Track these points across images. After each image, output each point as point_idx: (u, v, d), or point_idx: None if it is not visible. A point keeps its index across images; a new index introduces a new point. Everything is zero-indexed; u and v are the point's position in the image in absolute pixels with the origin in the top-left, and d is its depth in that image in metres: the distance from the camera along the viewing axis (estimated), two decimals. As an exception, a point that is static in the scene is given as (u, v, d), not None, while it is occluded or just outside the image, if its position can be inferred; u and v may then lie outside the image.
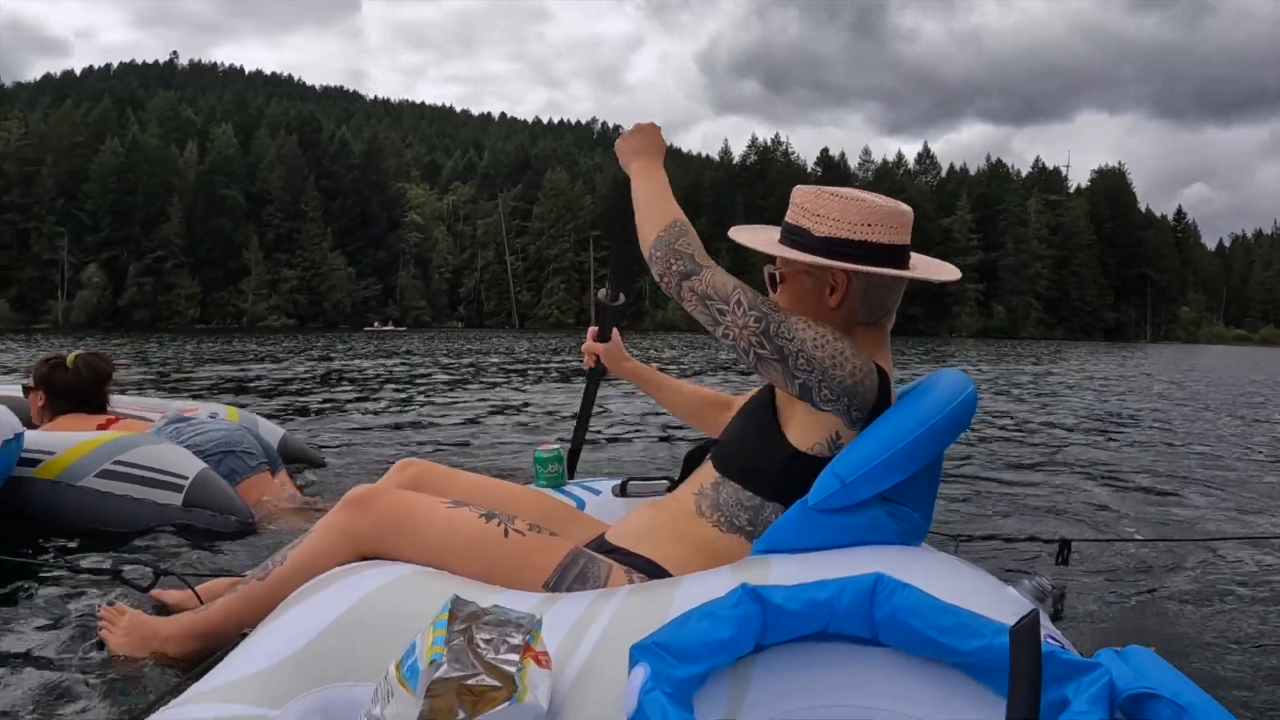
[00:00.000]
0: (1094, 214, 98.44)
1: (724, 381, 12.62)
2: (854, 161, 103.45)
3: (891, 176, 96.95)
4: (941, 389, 1.63)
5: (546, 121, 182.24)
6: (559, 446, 2.44)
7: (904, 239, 1.68)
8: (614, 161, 2.00)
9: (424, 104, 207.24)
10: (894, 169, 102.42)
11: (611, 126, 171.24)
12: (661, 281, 1.69)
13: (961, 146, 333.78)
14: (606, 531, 1.88)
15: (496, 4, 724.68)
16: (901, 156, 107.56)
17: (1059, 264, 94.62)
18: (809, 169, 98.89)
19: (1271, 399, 12.55)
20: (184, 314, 76.67)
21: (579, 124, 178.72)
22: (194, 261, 78.89)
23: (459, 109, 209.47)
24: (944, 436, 1.56)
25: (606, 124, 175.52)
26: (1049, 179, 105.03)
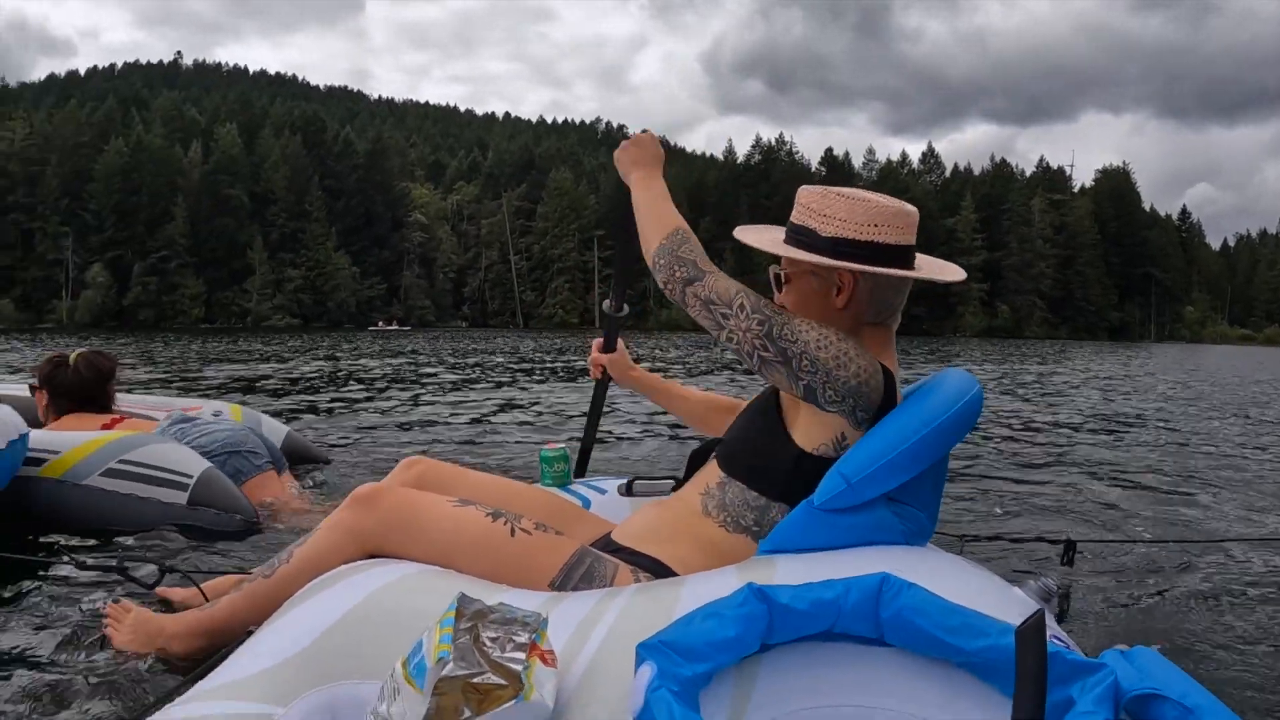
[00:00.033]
0: (1098, 214, 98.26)
1: (730, 381, 12.61)
2: (858, 161, 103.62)
3: (896, 176, 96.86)
4: (947, 389, 1.62)
5: (550, 121, 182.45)
6: (564, 445, 2.43)
7: (910, 239, 1.68)
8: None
9: (428, 104, 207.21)
10: (898, 169, 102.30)
11: (616, 126, 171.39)
12: (666, 289, 1.69)
13: (966, 146, 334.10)
14: (612, 531, 1.88)
15: (499, 4, 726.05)
16: (906, 156, 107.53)
17: (1063, 264, 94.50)
18: (813, 169, 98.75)
19: (1277, 399, 12.51)
20: (188, 314, 76.80)
21: (583, 124, 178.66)
22: (198, 261, 79.04)
23: (463, 109, 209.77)
24: (950, 436, 1.56)
25: (611, 124, 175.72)
26: (1053, 179, 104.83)
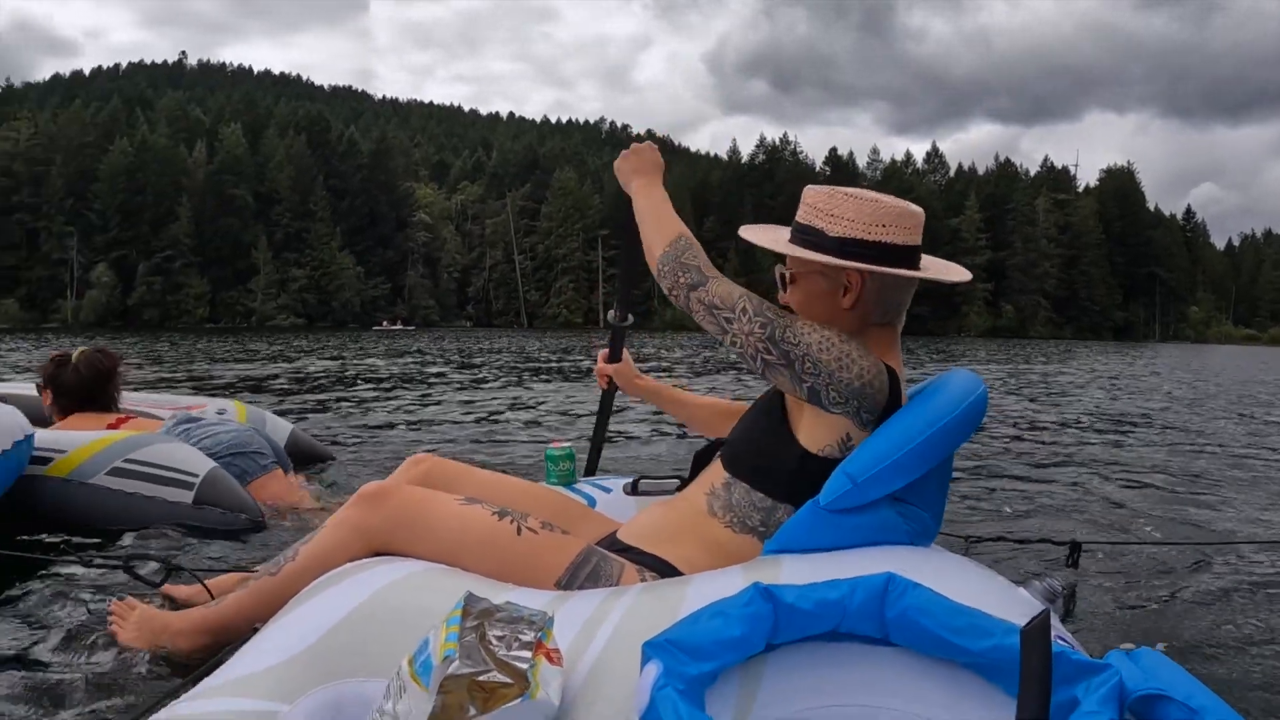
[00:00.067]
0: (1103, 213, 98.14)
1: (736, 380, 12.57)
2: (862, 161, 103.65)
3: (900, 176, 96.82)
4: (952, 389, 1.63)
5: (555, 121, 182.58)
6: (570, 445, 2.44)
7: (916, 240, 1.68)
8: None
9: (432, 104, 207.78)
10: (902, 168, 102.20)
11: (620, 126, 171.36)
12: (671, 295, 1.71)
13: (970, 146, 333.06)
14: (618, 530, 1.88)
15: (503, 3, 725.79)
16: (910, 156, 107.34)
17: (1067, 263, 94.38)
18: (817, 169, 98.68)
19: (1282, 399, 12.48)
20: (193, 313, 76.88)
21: (587, 123, 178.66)
22: (203, 261, 79.10)
23: (467, 108, 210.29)
24: (955, 437, 1.56)
25: (615, 123, 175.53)
26: (1057, 178, 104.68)
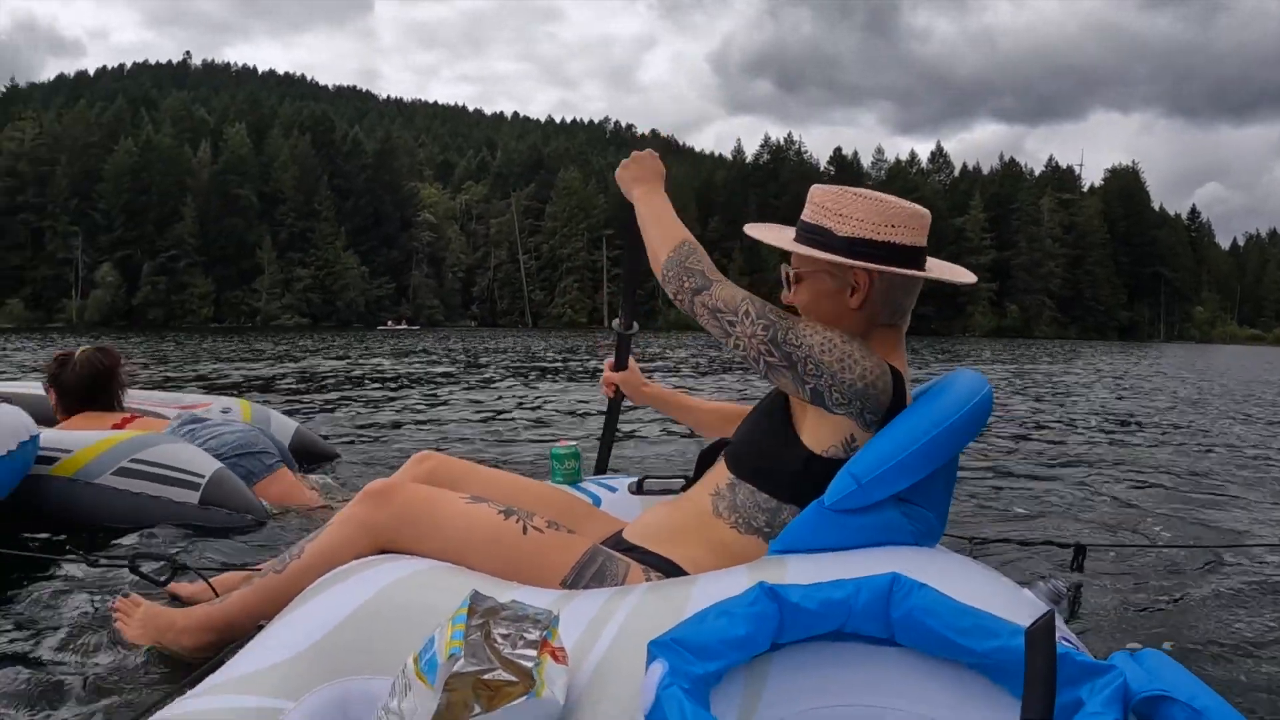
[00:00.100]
0: (1107, 213, 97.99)
1: (742, 380, 12.58)
2: (867, 161, 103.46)
3: (905, 176, 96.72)
4: (957, 390, 1.63)
5: (559, 121, 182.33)
6: (575, 444, 2.44)
7: (923, 241, 1.69)
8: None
9: (436, 103, 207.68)
10: (907, 168, 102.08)
11: (624, 126, 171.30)
12: (676, 300, 1.72)
13: (974, 146, 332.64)
14: (624, 529, 1.88)
15: (508, 3, 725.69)
16: (915, 156, 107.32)
17: (1072, 263, 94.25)
18: (822, 168, 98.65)
19: (1288, 400, 12.45)
20: (197, 313, 76.92)
21: (591, 123, 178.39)
22: (207, 261, 79.18)
23: (471, 108, 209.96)
24: (960, 437, 1.56)
25: (619, 123, 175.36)
26: (1062, 178, 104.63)
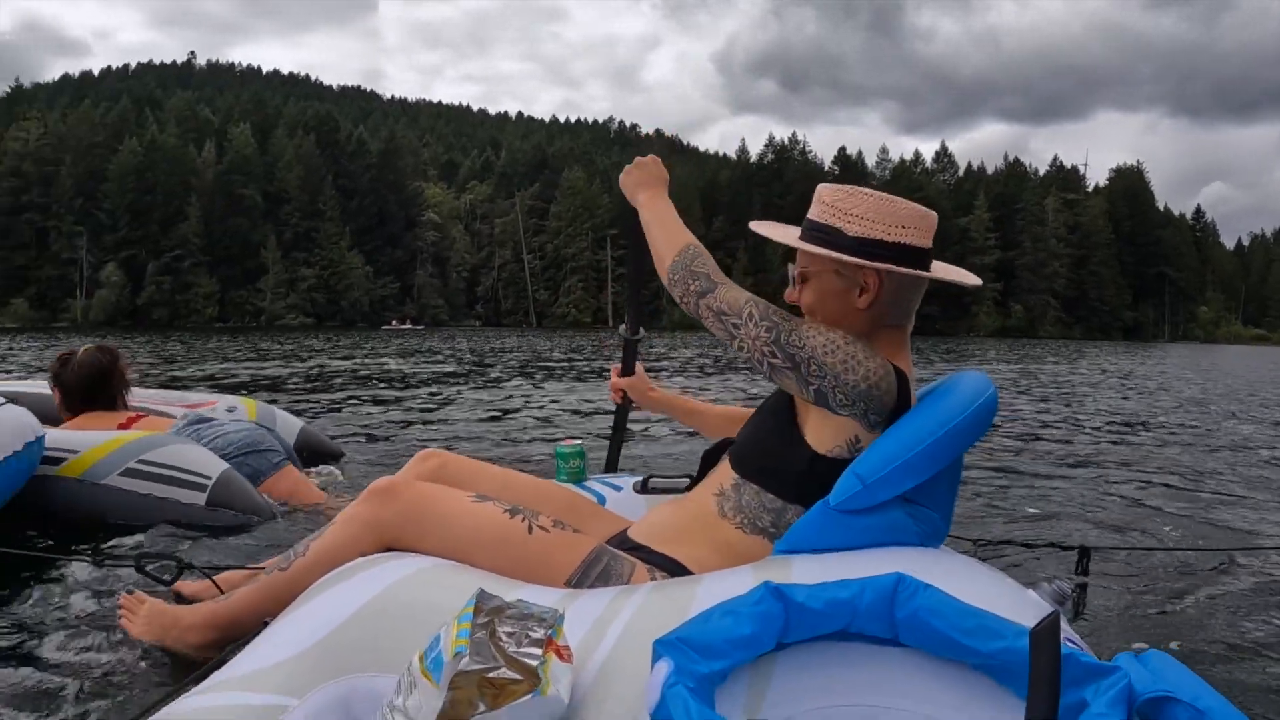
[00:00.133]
0: (1112, 213, 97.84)
1: (749, 380, 12.57)
2: (871, 160, 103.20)
3: (909, 175, 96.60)
4: (962, 390, 1.63)
5: (563, 120, 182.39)
6: (580, 442, 2.44)
7: (929, 243, 1.69)
8: (631, 160, 2.02)
9: (441, 103, 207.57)
10: (911, 168, 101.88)
11: (629, 125, 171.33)
12: (682, 302, 1.73)
13: (979, 145, 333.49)
14: (629, 529, 1.89)
15: (512, 3, 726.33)
16: (919, 155, 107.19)
17: (1077, 263, 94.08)
18: (826, 168, 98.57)
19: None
20: (202, 312, 77.03)
21: (596, 123, 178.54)
22: (212, 260, 79.29)
23: (476, 108, 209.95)
24: (965, 438, 1.56)
25: (623, 123, 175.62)
26: (1067, 178, 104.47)
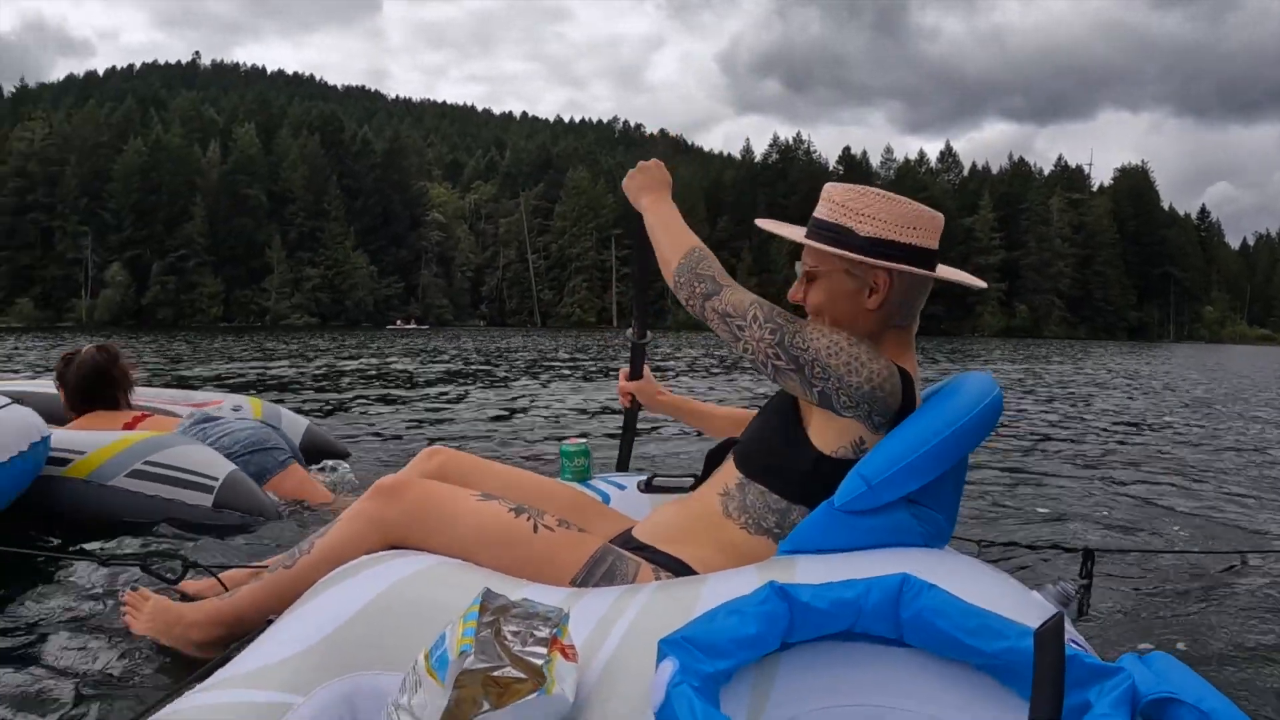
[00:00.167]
0: (1117, 212, 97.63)
1: (755, 379, 12.56)
2: (876, 160, 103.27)
3: (914, 175, 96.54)
4: (967, 392, 1.63)
5: (568, 120, 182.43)
6: (585, 441, 2.44)
7: (937, 244, 1.70)
8: (635, 160, 2.03)
9: (445, 103, 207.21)
10: (916, 168, 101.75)
11: (633, 125, 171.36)
12: (687, 305, 1.73)
13: (984, 145, 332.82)
14: (634, 528, 1.89)
15: (516, 3, 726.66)
16: (924, 155, 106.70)
17: (1082, 263, 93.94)
18: (831, 168, 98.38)
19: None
20: (207, 312, 77.15)
21: (600, 123, 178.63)
22: (216, 260, 79.41)
23: (480, 108, 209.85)
24: (970, 440, 1.56)
25: (628, 123, 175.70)
26: (1071, 177, 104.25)
